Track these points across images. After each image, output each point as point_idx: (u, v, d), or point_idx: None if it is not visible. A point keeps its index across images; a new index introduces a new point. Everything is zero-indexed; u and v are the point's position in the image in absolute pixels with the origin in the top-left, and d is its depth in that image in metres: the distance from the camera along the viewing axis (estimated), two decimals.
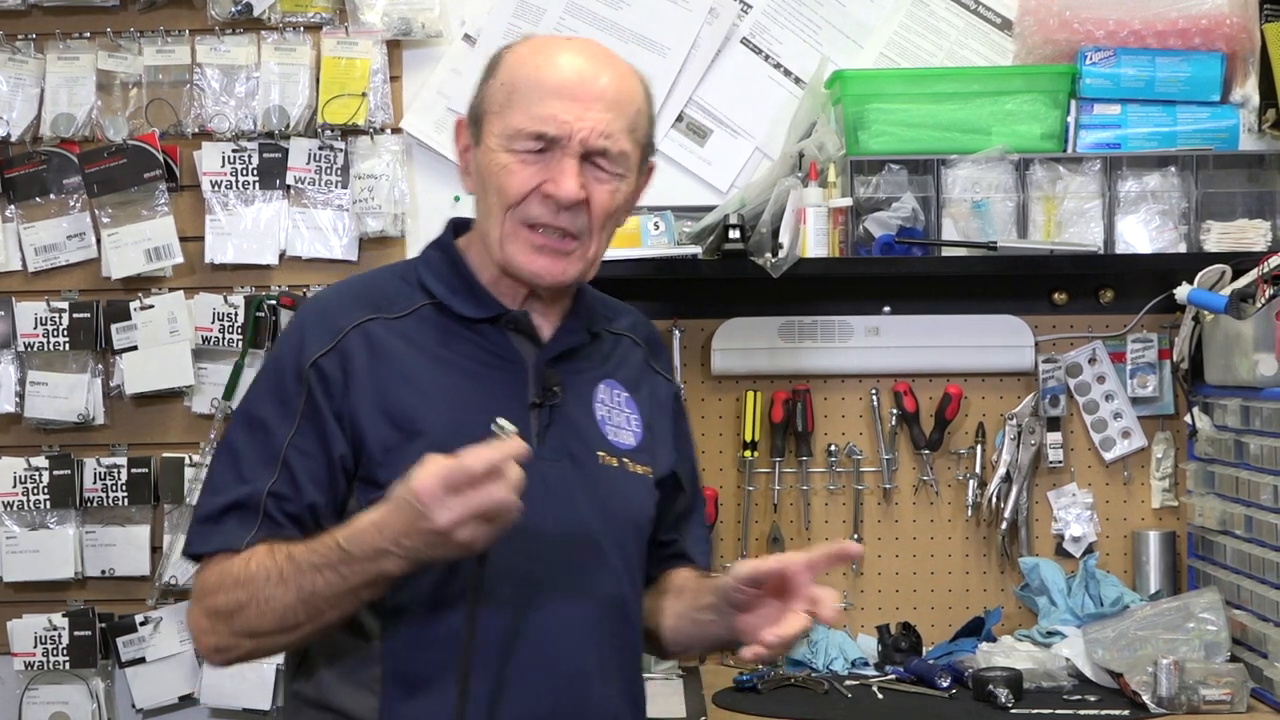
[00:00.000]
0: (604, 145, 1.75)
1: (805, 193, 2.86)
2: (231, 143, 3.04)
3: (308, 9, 3.04)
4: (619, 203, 1.79)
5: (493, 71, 1.81)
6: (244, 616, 1.69)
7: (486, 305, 1.81)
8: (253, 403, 1.79)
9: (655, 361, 1.98)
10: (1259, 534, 2.67)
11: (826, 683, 2.73)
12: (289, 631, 1.69)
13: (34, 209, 3.05)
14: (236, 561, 1.70)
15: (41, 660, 3.02)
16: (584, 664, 1.77)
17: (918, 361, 3.03)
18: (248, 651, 1.74)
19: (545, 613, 1.75)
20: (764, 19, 3.09)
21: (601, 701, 1.80)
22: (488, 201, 1.79)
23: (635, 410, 1.89)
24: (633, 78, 1.82)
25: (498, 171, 1.76)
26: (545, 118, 1.73)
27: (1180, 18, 2.94)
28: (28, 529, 3.03)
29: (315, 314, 1.81)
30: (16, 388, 3.03)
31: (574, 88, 1.74)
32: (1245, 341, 2.66)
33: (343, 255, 3.05)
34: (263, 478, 1.73)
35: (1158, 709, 2.51)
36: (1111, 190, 2.91)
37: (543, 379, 1.80)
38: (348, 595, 1.65)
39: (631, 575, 1.85)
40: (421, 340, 1.79)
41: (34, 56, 3.05)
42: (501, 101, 1.77)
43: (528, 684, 1.73)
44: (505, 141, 1.75)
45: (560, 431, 1.80)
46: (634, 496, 1.86)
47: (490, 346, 1.81)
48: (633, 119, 1.78)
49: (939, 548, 3.05)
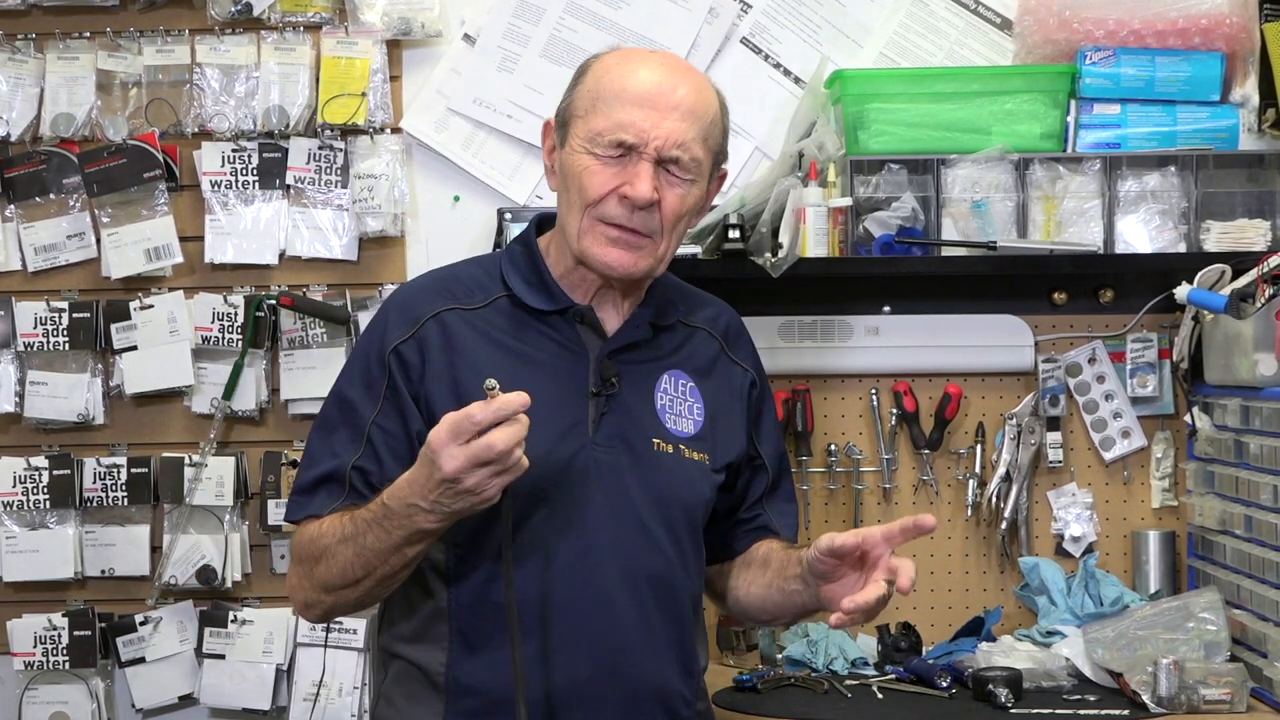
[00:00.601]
0: (677, 154, 1.91)
1: (805, 192, 2.86)
2: (231, 142, 3.04)
3: (307, 9, 3.04)
4: (689, 206, 1.96)
5: (580, 79, 1.98)
6: (319, 572, 1.89)
7: (556, 299, 1.98)
8: (343, 383, 1.98)
9: (733, 352, 2.12)
10: (1259, 534, 2.67)
11: (826, 682, 2.73)
12: (353, 586, 1.87)
13: (34, 209, 3.05)
14: (319, 525, 1.91)
15: (41, 660, 3.02)
16: (627, 635, 1.92)
17: (917, 361, 3.03)
18: (328, 607, 1.94)
19: (590, 586, 1.91)
20: (764, 19, 3.09)
21: (647, 671, 1.94)
22: (569, 198, 1.95)
23: (699, 399, 2.04)
24: (708, 90, 1.98)
25: (580, 172, 1.92)
26: (625, 124, 1.90)
27: (1180, 17, 2.94)
28: (27, 529, 3.03)
29: (399, 303, 2.00)
30: (16, 387, 3.03)
31: (653, 98, 1.90)
32: (1245, 341, 2.66)
33: (342, 255, 3.05)
34: (350, 452, 1.93)
35: (1157, 709, 2.51)
36: (1111, 190, 2.91)
37: (601, 370, 1.96)
38: (393, 551, 1.81)
39: (682, 555, 1.98)
40: (494, 330, 1.96)
41: (34, 56, 3.05)
42: (586, 107, 1.93)
43: (571, 650, 1.90)
44: (588, 144, 1.92)
45: (616, 419, 1.96)
46: (686, 481, 2.00)
47: (557, 337, 1.98)
48: (706, 129, 1.95)
49: (939, 547, 3.05)
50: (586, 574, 1.91)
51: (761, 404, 2.15)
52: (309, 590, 1.93)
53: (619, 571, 1.92)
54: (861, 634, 2.98)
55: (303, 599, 1.96)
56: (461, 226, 3.06)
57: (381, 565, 1.84)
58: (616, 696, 1.93)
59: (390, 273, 3.05)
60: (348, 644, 2.99)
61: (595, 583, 1.91)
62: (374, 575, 1.85)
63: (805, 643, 2.86)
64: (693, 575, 2.02)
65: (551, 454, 1.90)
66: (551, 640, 1.90)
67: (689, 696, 2.02)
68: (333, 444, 1.94)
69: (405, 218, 3.06)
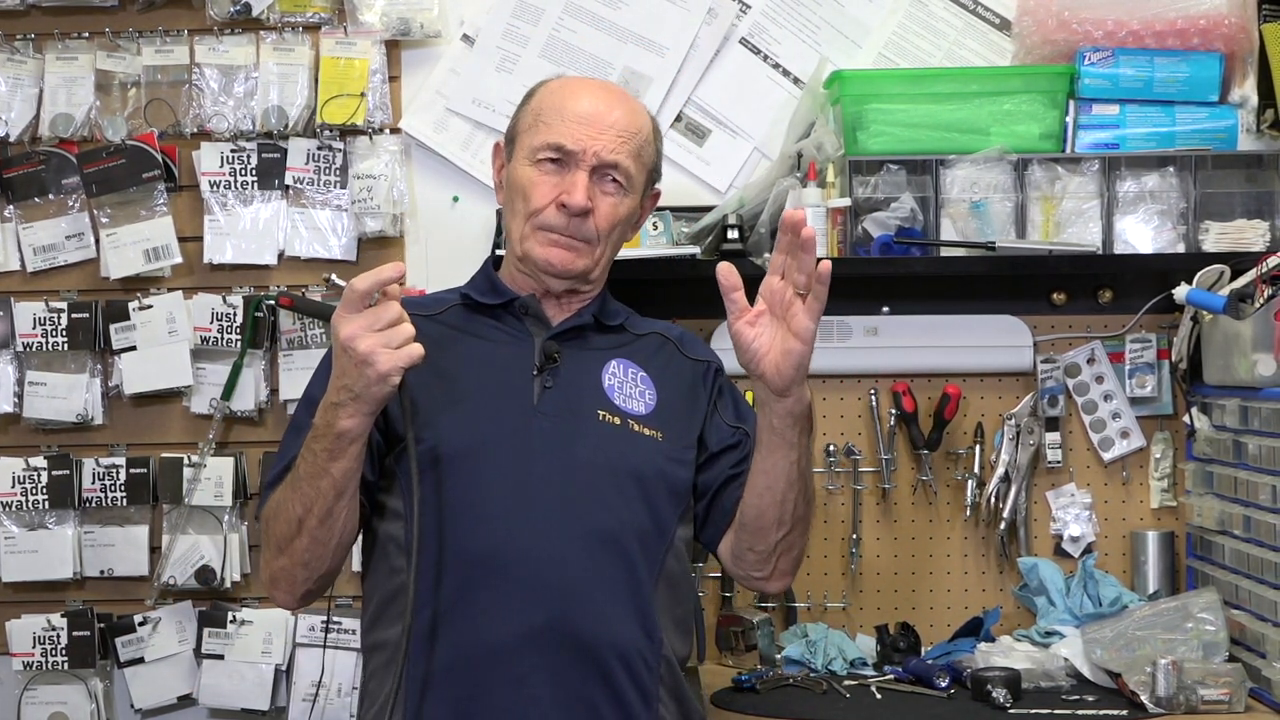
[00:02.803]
0: (612, 159, 2.09)
1: (804, 193, 2.86)
2: (230, 143, 3.04)
3: (306, 9, 3.04)
4: (622, 215, 2.13)
5: (525, 102, 2.19)
6: (271, 534, 1.99)
7: (502, 294, 2.16)
8: (311, 384, 2.10)
9: (688, 352, 2.24)
10: (1257, 534, 2.67)
11: (825, 683, 2.73)
12: (298, 533, 1.95)
13: (33, 209, 3.05)
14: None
15: (40, 660, 3.02)
16: (579, 588, 1.98)
17: (916, 361, 3.03)
18: (288, 573, 1.99)
19: (539, 540, 1.98)
20: (763, 19, 3.09)
21: (600, 625, 1.98)
22: (514, 208, 2.14)
23: (650, 386, 2.15)
24: (642, 114, 2.18)
25: (524, 184, 2.11)
26: (565, 135, 2.09)
27: (1179, 18, 2.94)
28: (26, 529, 3.03)
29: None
30: (15, 388, 3.03)
31: (590, 115, 2.10)
32: (1244, 341, 2.66)
33: (341, 255, 3.05)
34: None
35: (1156, 709, 2.51)
36: (1110, 190, 2.91)
37: (544, 349, 2.10)
38: (322, 473, 1.90)
39: (636, 518, 2.04)
40: (446, 326, 2.13)
41: (33, 56, 3.05)
42: (530, 124, 2.14)
43: (522, 601, 1.96)
44: (530, 155, 2.11)
45: (560, 393, 2.08)
46: (636, 451, 2.08)
47: (504, 327, 2.14)
48: (639, 146, 2.14)
49: (937, 548, 3.05)
50: (534, 529, 1.98)
51: (727, 388, 2.23)
52: (270, 562, 2.02)
53: (568, 528, 1.99)
54: (860, 634, 2.98)
55: (268, 576, 2.04)
56: (460, 227, 3.07)
57: (316, 496, 1.91)
58: (571, 646, 1.97)
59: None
60: (347, 644, 2.99)
61: (545, 537, 1.98)
62: (313, 511, 1.92)
63: (804, 643, 2.87)
64: (652, 542, 2.06)
65: (494, 419, 2.03)
66: (503, 592, 1.96)
67: (650, 660, 2.03)
68: (299, 441, 2.01)
69: (404, 218, 3.06)
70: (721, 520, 2.15)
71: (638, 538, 2.04)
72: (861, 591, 3.04)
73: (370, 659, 2.10)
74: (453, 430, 2.02)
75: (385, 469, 2.05)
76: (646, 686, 2.02)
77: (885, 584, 3.05)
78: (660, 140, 2.21)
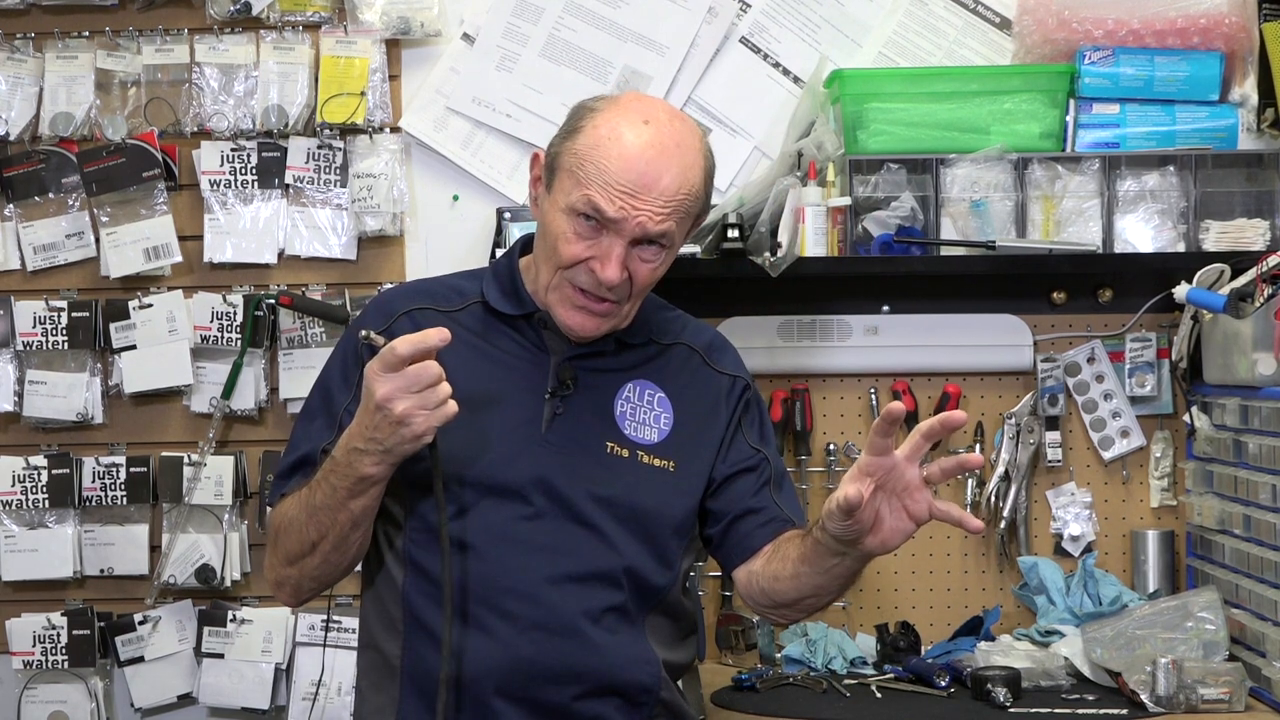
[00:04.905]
0: (657, 231, 1.94)
1: (804, 192, 2.86)
2: (230, 142, 3.04)
3: (306, 8, 3.04)
4: (660, 274, 2.01)
5: (575, 131, 1.98)
6: (283, 544, 1.99)
7: (524, 305, 2.06)
8: (325, 374, 2.08)
9: (716, 363, 2.15)
10: (1257, 533, 2.67)
11: (825, 682, 2.73)
12: (310, 553, 1.95)
13: (33, 208, 3.05)
14: (285, 501, 2.00)
15: (40, 659, 3.02)
16: (571, 618, 1.96)
17: (916, 361, 3.03)
18: (295, 582, 2.02)
19: (534, 574, 1.96)
20: (763, 18, 3.09)
21: (594, 659, 1.97)
22: (545, 248, 2.00)
23: (668, 409, 2.08)
24: (694, 170, 1.97)
25: (556, 234, 1.97)
26: (605, 201, 1.91)
27: (1179, 17, 2.94)
28: (26, 528, 3.03)
29: (379, 301, 2.14)
30: (15, 387, 3.03)
31: (637, 184, 1.92)
32: (1244, 341, 2.67)
33: (341, 254, 3.05)
34: (324, 437, 2.01)
35: (1156, 708, 2.51)
36: (1110, 189, 2.91)
37: (559, 373, 2.03)
38: (340, 506, 1.90)
39: (636, 553, 2.01)
40: (464, 330, 2.02)
41: (33, 55, 3.05)
42: (573, 166, 1.95)
43: (515, 634, 1.95)
44: (568, 207, 1.95)
45: (569, 421, 2.02)
46: (641, 485, 2.03)
47: (522, 340, 2.06)
48: (687, 208, 1.97)
49: (937, 547, 3.05)
50: (530, 563, 1.97)
51: (755, 407, 2.17)
52: (278, 567, 2.02)
53: (563, 563, 1.97)
54: (860, 633, 2.98)
55: (274, 578, 2.05)
56: (460, 226, 3.07)
57: (331, 525, 1.92)
58: (568, 679, 1.97)
59: (389, 272, 3.05)
60: (347, 643, 2.99)
61: (539, 571, 1.97)
62: (327, 538, 1.93)
63: (804, 642, 2.87)
64: (652, 575, 2.04)
65: (502, 445, 1.99)
66: (496, 624, 1.96)
67: (649, 684, 2.03)
68: (310, 430, 2.04)
69: (404, 217, 3.06)
70: (738, 554, 2.11)
71: (637, 575, 2.02)
72: (861, 590, 3.04)
73: (363, 657, 2.10)
74: (461, 457, 1.97)
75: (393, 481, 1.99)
76: (644, 716, 2.04)
77: (885, 583, 3.05)
78: (711, 181, 2.04)
